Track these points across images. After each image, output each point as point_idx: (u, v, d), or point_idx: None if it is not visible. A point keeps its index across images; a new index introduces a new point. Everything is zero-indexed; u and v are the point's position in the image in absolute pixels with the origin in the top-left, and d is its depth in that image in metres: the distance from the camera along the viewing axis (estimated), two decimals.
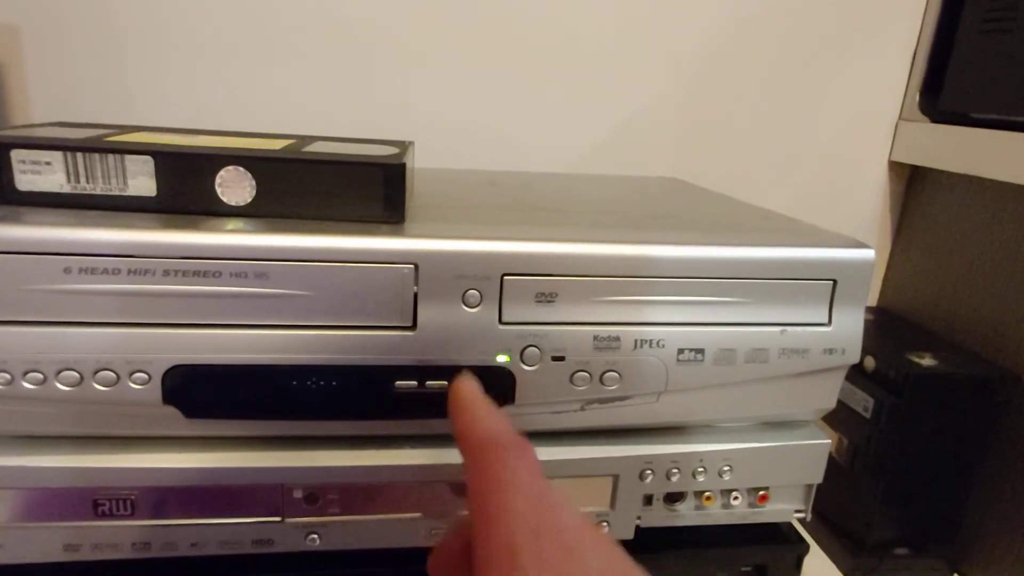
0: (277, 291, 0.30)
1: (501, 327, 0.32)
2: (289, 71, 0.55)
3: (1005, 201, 0.54)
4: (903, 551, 0.52)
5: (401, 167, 0.32)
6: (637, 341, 0.34)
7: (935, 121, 0.60)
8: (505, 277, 0.32)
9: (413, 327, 0.32)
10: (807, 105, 0.62)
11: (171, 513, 0.33)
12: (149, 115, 0.54)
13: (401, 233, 0.31)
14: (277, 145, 0.34)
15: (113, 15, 0.52)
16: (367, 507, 0.35)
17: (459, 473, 0.34)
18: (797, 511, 0.40)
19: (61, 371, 0.30)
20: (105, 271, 0.29)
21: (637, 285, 0.33)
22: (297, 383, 0.32)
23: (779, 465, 0.39)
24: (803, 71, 0.61)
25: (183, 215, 0.32)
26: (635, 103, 0.60)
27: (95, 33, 0.52)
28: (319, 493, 0.34)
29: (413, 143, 0.40)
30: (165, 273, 0.29)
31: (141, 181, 0.31)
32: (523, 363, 0.33)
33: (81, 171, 0.31)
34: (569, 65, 0.58)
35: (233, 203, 0.32)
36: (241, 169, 0.31)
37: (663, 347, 0.34)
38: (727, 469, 0.38)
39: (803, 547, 0.42)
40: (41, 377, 0.30)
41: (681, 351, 0.34)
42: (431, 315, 0.32)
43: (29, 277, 0.29)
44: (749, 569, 0.41)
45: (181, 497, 0.33)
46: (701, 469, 0.37)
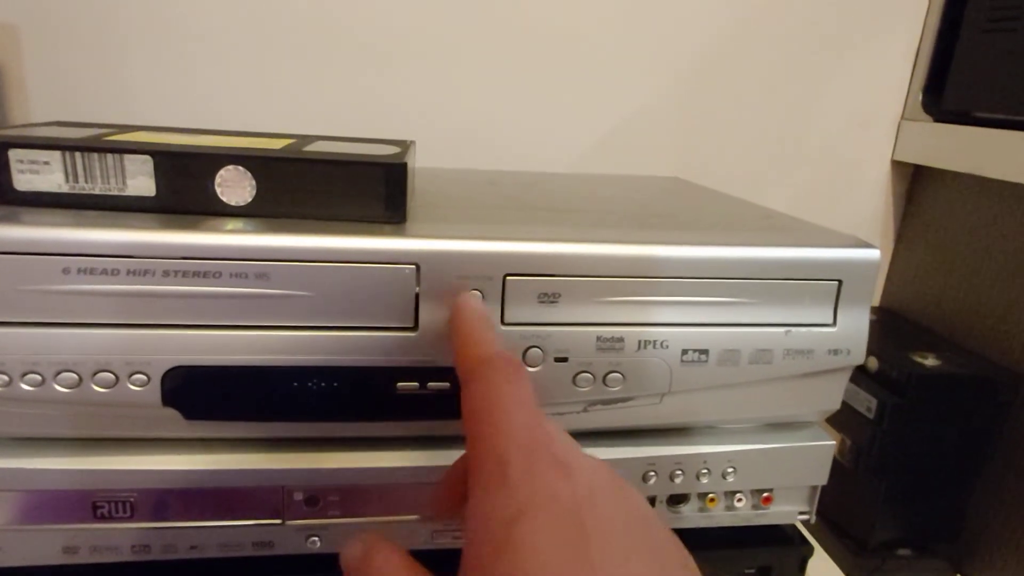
0: (277, 292, 0.30)
1: (504, 328, 0.32)
2: (289, 71, 0.55)
3: (1008, 200, 0.54)
4: (906, 552, 0.52)
5: (402, 167, 0.32)
6: (641, 342, 0.33)
7: (938, 120, 0.59)
8: (507, 277, 0.32)
9: (415, 328, 0.31)
10: (809, 104, 0.62)
11: (171, 515, 0.33)
12: (148, 115, 0.54)
13: (402, 233, 0.31)
14: (277, 145, 0.34)
15: (112, 15, 0.52)
16: (368, 509, 0.35)
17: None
18: (801, 513, 0.40)
19: (60, 372, 0.30)
20: (104, 271, 0.29)
21: (641, 285, 0.33)
22: (298, 384, 0.31)
23: (783, 467, 0.38)
24: (805, 70, 0.61)
25: (183, 215, 0.31)
26: (636, 102, 0.60)
27: (94, 33, 0.52)
28: (320, 495, 0.34)
29: (414, 142, 0.40)
30: (164, 273, 0.29)
31: (140, 181, 0.31)
32: (526, 364, 0.33)
33: (80, 171, 0.31)
34: (571, 64, 0.58)
35: (233, 203, 0.32)
36: (241, 169, 0.31)
37: (667, 348, 0.34)
38: (731, 471, 0.37)
39: (807, 549, 0.41)
40: (39, 378, 0.30)
41: (685, 352, 0.34)
42: (433, 316, 0.31)
43: (27, 277, 0.29)
44: (753, 571, 0.41)
45: (181, 499, 0.33)
46: (705, 471, 0.37)
